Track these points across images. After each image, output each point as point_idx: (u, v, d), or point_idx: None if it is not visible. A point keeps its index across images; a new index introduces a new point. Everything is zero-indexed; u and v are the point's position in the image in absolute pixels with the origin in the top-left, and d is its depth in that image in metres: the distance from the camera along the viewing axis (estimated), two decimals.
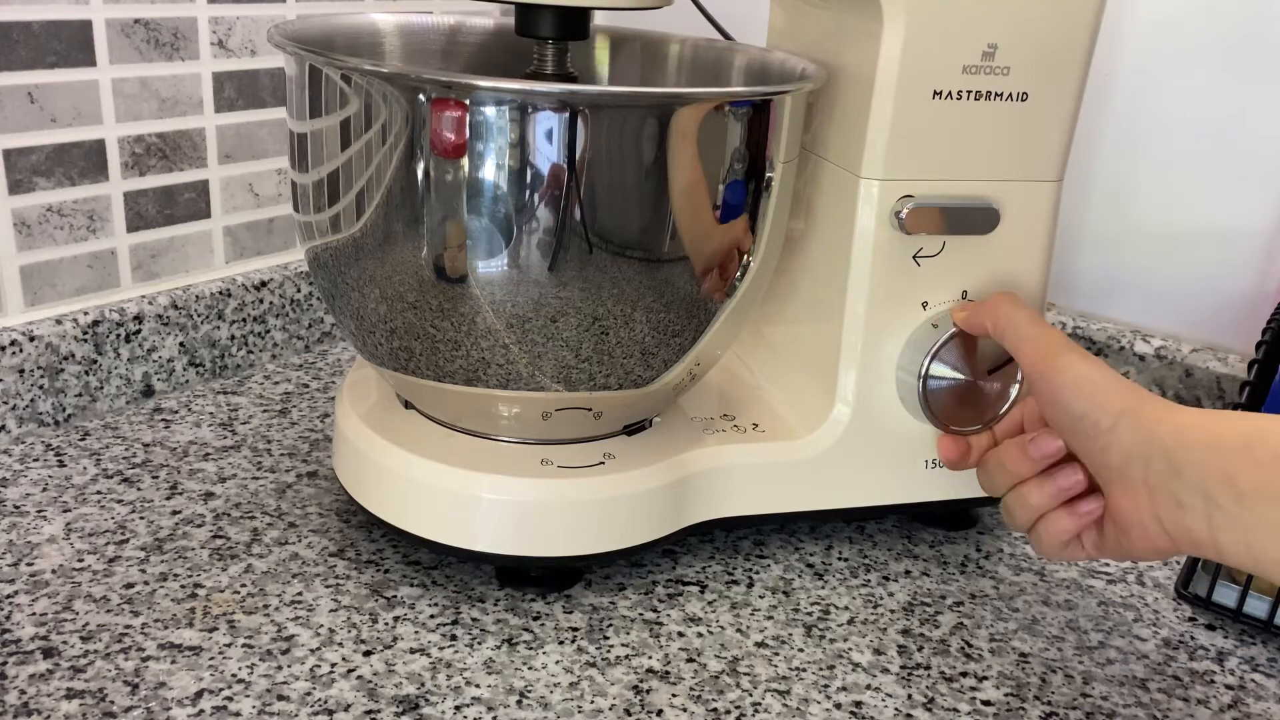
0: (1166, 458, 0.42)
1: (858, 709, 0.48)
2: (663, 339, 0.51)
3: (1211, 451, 0.41)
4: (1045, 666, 0.52)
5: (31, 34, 0.63)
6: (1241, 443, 0.40)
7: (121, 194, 0.69)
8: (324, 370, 0.78)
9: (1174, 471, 0.41)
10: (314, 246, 0.53)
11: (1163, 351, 0.75)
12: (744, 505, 0.58)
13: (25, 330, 0.65)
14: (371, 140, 0.47)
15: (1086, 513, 0.47)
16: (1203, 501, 0.40)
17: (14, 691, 0.45)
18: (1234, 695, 0.51)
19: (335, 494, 0.62)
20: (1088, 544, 0.47)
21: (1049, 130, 0.55)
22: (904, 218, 0.54)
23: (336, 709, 0.46)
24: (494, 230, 0.46)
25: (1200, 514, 0.40)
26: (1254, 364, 0.59)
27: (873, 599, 0.56)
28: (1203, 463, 0.41)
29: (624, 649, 0.51)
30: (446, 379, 0.51)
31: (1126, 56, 0.75)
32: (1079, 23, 0.53)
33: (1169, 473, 0.41)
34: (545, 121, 0.45)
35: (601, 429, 0.55)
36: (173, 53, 0.70)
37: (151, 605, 0.51)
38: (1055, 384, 0.46)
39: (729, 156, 0.49)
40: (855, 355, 0.56)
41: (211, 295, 0.73)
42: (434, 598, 0.53)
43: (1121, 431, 0.44)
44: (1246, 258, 0.73)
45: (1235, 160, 0.72)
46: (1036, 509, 0.48)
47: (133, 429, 0.68)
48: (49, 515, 0.58)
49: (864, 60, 0.53)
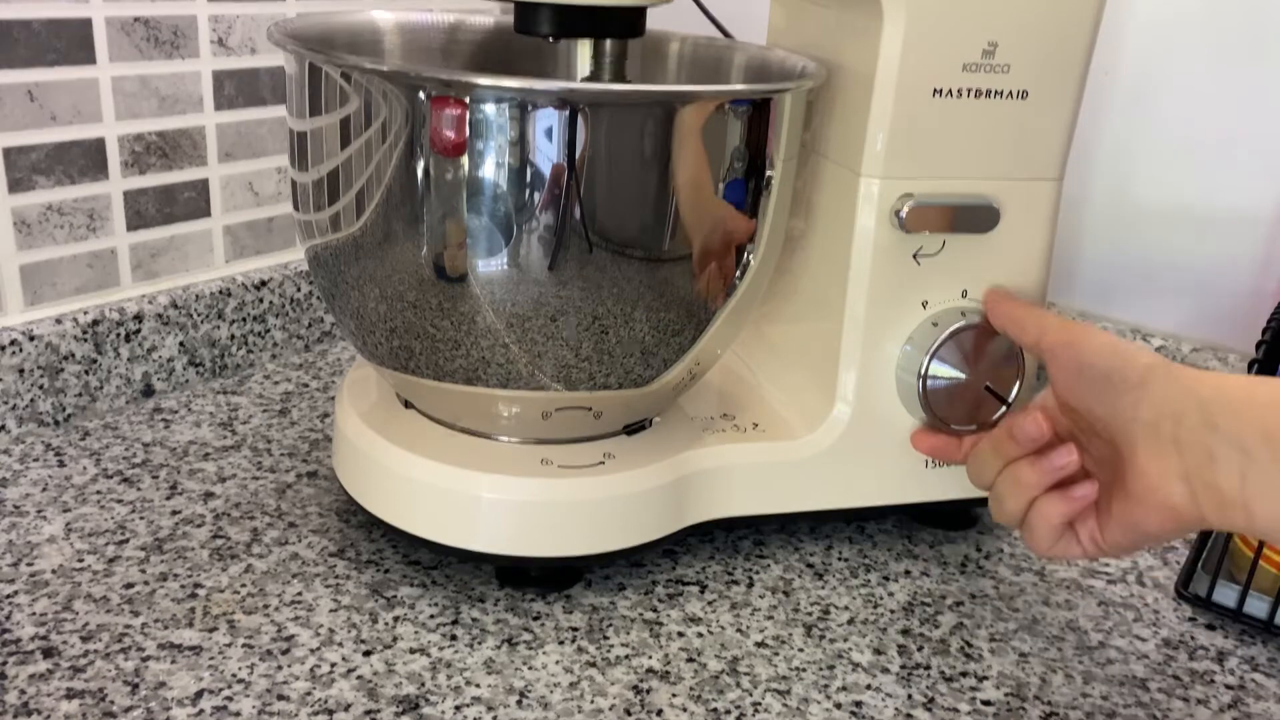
0: (1202, 411, 0.41)
1: (858, 709, 0.48)
2: (663, 338, 0.51)
3: (1250, 406, 0.40)
4: (1045, 666, 0.52)
5: (32, 32, 0.63)
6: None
7: (121, 193, 0.69)
8: (324, 370, 0.78)
9: (1209, 425, 0.41)
10: (314, 245, 0.52)
11: (1163, 351, 0.75)
12: (744, 505, 0.57)
13: (25, 330, 0.64)
14: (371, 139, 0.47)
15: (1081, 496, 0.46)
16: (1238, 455, 0.40)
17: (14, 691, 0.45)
18: (1234, 695, 0.51)
19: (335, 494, 0.62)
20: (1084, 538, 0.47)
21: (1049, 129, 0.55)
22: (904, 216, 0.54)
23: (336, 709, 0.46)
24: (494, 229, 0.46)
25: (1234, 469, 0.40)
26: (1254, 363, 0.59)
27: (873, 599, 0.56)
28: (1240, 416, 0.40)
29: (624, 649, 0.51)
30: (446, 378, 0.51)
31: (1126, 56, 0.75)
32: (1079, 21, 0.53)
33: (1203, 426, 0.41)
34: (545, 120, 0.45)
35: (601, 429, 0.55)
36: (173, 51, 0.70)
37: (151, 605, 0.51)
38: (1083, 349, 0.46)
39: (729, 155, 0.49)
40: (855, 355, 0.56)
41: (211, 295, 0.73)
42: (434, 598, 0.53)
43: (1154, 386, 0.43)
44: (1247, 257, 0.73)
45: (1235, 160, 0.72)
46: (1028, 487, 0.48)
47: (133, 429, 0.68)
48: (49, 515, 0.58)
49: (864, 58, 0.53)
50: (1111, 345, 0.46)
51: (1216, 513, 0.41)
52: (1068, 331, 0.48)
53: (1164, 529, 0.43)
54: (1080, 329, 0.48)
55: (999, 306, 0.54)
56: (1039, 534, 0.48)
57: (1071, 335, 0.48)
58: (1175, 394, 0.42)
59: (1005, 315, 0.53)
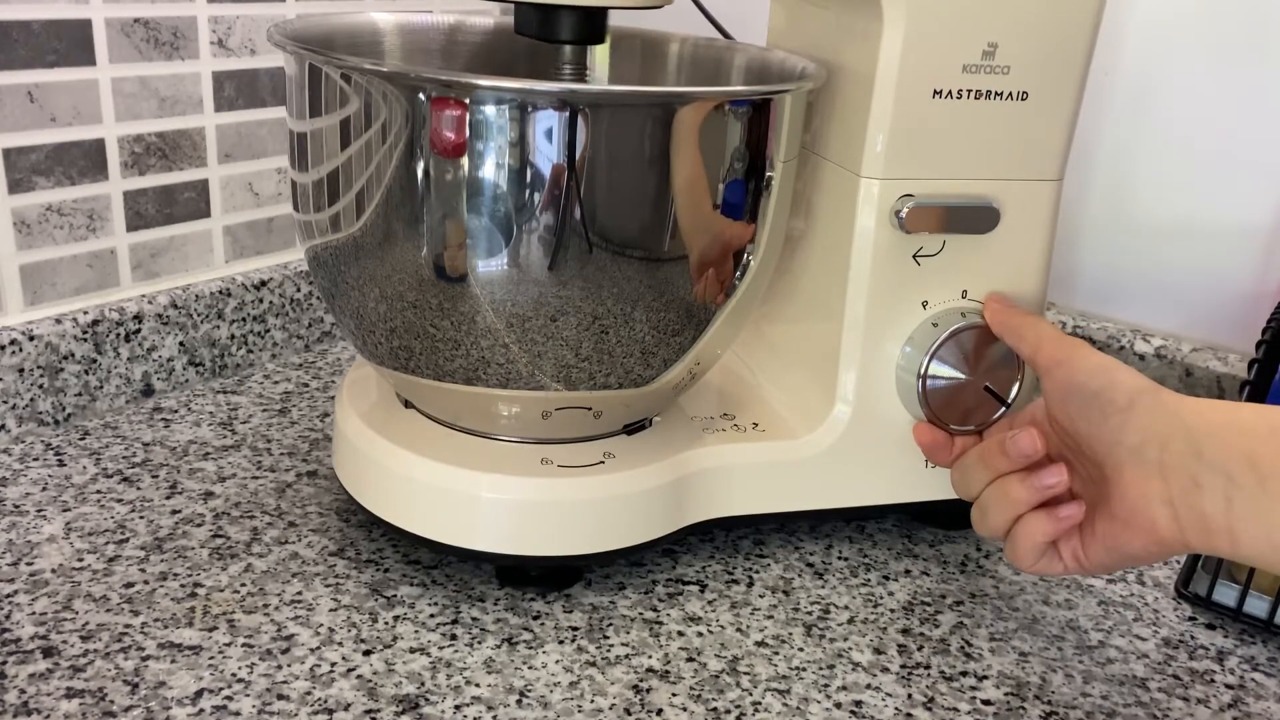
0: (1187, 437, 0.41)
1: (858, 708, 0.48)
2: (663, 338, 0.51)
3: (1234, 433, 0.40)
4: (1045, 666, 0.52)
5: (31, 33, 0.63)
6: (1266, 427, 0.40)
7: (121, 193, 0.69)
8: (324, 370, 0.78)
9: (1194, 452, 0.41)
10: (314, 246, 0.53)
11: (1163, 351, 0.75)
12: (744, 505, 0.58)
13: (25, 329, 0.64)
14: (371, 139, 0.47)
15: (1066, 517, 0.46)
16: (1223, 482, 0.40)
17: (14, 691, 0.45)
18: (1234, 695, 0.51)
19: (335, 493, 0.62)
20: (1066, 555, 0.47)
21: (1049, 129, 0.55)
22: (904, 217, 0.54)
23: (336, 708, 0.46)
24: (494, 229, 0.46)
25: (1218, 495, 0.40)
26: (1254, 363, 0.59)
27: (873, 598, 0.56)
28: (1225, 443, 0.40)
29: (624, 648, 0.51)
30: (446, 378, 0.51)
31: (1126, 56, 0.75)
32: (1079, 22, 0.53)
33: (1189, 453, 0.41)
34: (545, 121, 0.45)
35: (601, 428, 0.55)
36: (172, 52, 0.70)
37: (151, 605, 0.51)
38: (1074, 369, 0.46)
39: (729, 156, 0.49)
40: (855, 355, 0.56)
41: (211, 295, 0.73)
42: (434, 597, 0.53)
43: (1140, 410, 0.43)
44: (1246, 257, 0.73)
45: (1235, 159, 0.72)
46: (1016, 503, 0.48)
47: (132, 428, 0.68)
48: (49, 515, 0.58)
49: (864, 59, 0.53)
50: (1102, 366, 0.46)
51: (1201, 538, 0.41)
52: (1062, 349, 0.48)
53: (1147, 551, 0.43)
54: (1074, 347, 0.48)
55: (998, 315, 0.54)
56: (1022, 550, 0.48)
57: (1065, 353, 0.48)
58: (1161, 419, 0.43)
59: (1004, 324, 0.53)
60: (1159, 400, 0.43)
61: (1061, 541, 0.47)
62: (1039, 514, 0.47)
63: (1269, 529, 0.39)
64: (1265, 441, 0.39)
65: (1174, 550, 0.43)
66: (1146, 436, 0.43)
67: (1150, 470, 0.42)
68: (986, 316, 0.54)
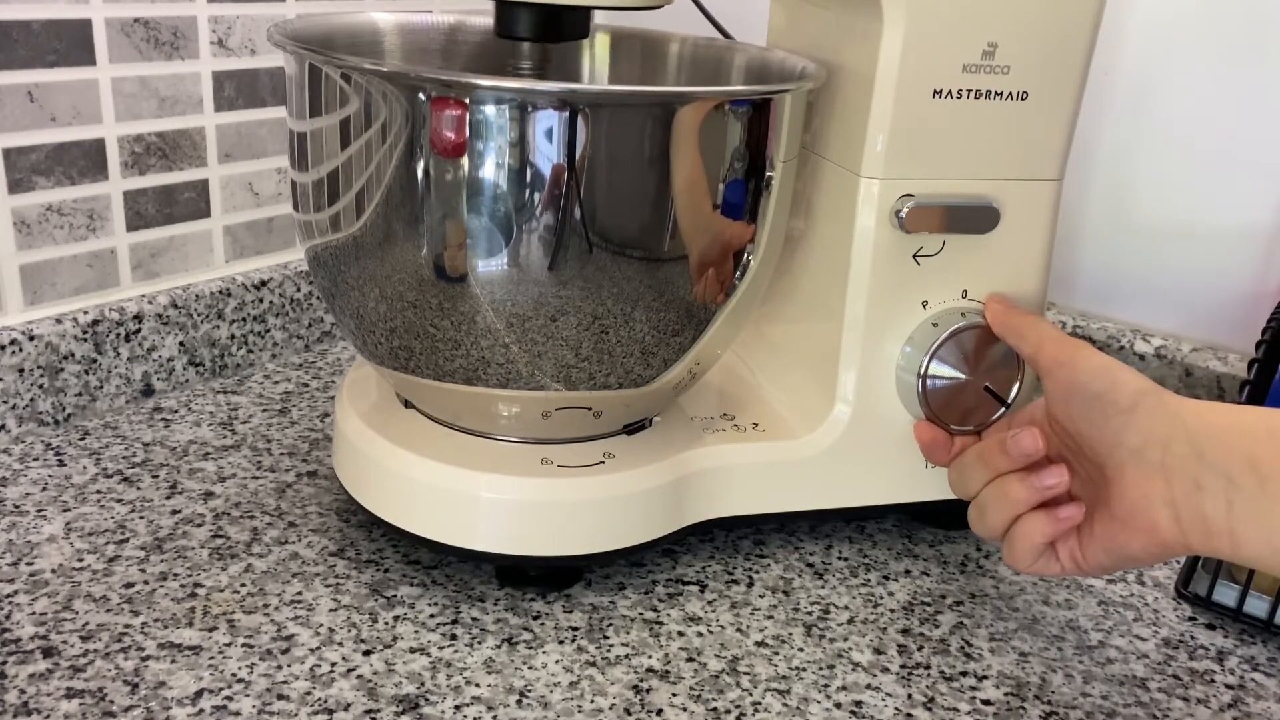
0: (1189, 439, 0.41)
1: (858, 708, 0.48)
2: (663, 338, 0.51)
3: (1235, 435, 0.40)
4: (1045, 666, 0.52)
5: (31, 33, 0.63)
6: (1266, 429, 0.40)
7: (121, 193, 0.69)
8: (324, 370, 0.78)
9: (1196, 454, 0.41)
10: (314, 245, 0.53)
11: (1163, 351, 0.75)
12: (744, 505, 0.58)
13: (25, 329, 0.64)
14: (371, 139, 0.47)
15: (1066, 518, 0.46)
16: (1224, 484, 0.40)
17: (14, 691, 0.45)
18: (1234, 695, 0.51)
19: (335, 493, 0.62)
20: (1063, 556, 0.47)
21: (1049, 129, 0.55)
22: (904, 217, 0.54)
23: (336, 708, 0.46)
24: (494, 229, 0.46)
25: (1220, 497, 0.40)
26: (1254, 363, 0.59)
27: (873, 598, 0.56)
28: (1226, 445, 0.40)
29: (624, 648, 0.51)
30: (446, 378, 0.51)
31: (1126, 56, 0.75)
32: (1079, 22, 0.53)
33: (1191, 455, 0.41)
34: (545, 120, 0.45)
35: (601, 428, 0.55)
36: (172, 52, 0.70)
37: (151, 605, 0.51)
38: (1077, 370, 0.46)
39: (729, 155, 0.49)
40: (855, 355, 0.56)
41: (211, 295, 0.73)
42: (434, 597, 0.53)
43: (1142, 412, 0.43)
44: (1246, 257, 0.73)
45: (1235, 160, 0.72)
46: (1015, 503, 0.48)
47: (132, 428, 0.68)
48: (49, 515, 0.58)
49: (864, 59, 0.53)
50: (1104, 367, 0.46)
51: (1202, 540, 0.41)
52: (1064, 349, 0.48)
53: (1147, 552, 0.43)
54: (1076, 348, 0.48)
55: (1000, 315, 0.54)
56: (1020, 551, 0.48)
57: (1067, 354, 0.48)
58: (1163, 421, 0.43)
59: (1005, 325, 0.53)
60: (1161, 402, 0.43)
61: (1059, 542, 0.47)
62: (1038, 514, 0.47)
63: (1269, 531, 0.39)
64: (1265, 444, 0.40)
65: (1174, 552, 0.43)
66: (1148, 438, 0.43)
67: (1152, 471, 0.42)
68: (988, 317, 0.54)
